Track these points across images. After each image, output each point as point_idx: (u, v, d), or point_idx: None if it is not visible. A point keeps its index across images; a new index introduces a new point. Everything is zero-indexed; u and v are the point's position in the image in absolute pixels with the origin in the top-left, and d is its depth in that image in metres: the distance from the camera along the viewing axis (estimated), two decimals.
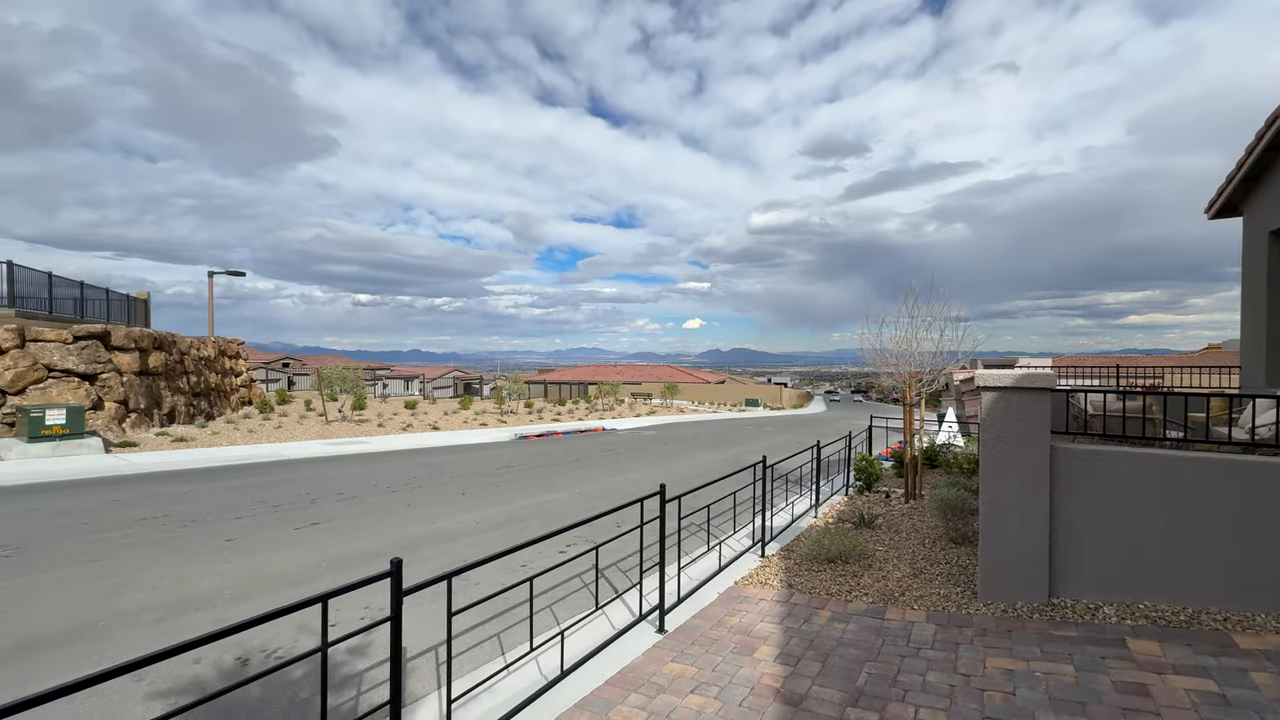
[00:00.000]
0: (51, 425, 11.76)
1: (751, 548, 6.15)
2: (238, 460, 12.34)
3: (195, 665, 3.83)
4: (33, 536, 6.56)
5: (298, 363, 64.48)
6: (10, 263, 14.74)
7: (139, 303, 21.20)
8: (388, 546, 6.52)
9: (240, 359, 25.34)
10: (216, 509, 8.05)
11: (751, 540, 6.37)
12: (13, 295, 14.88)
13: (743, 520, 7.07)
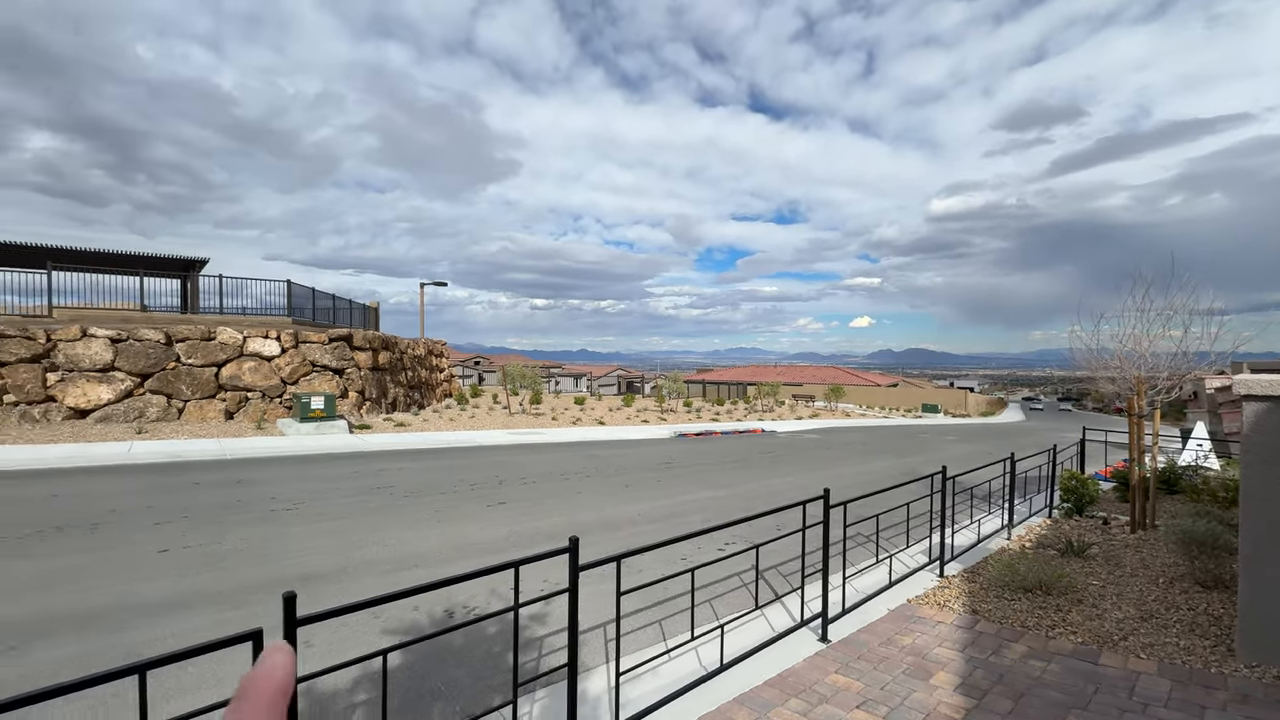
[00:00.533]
0: (314, 409, 14.79)
1: (927, 566, 5.64)
2: (441, 444, 14.38)
3: (414, 611, 4.59)
4: (306, 496, 8.33)
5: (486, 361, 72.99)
6: (289, 281, 18.86)
7: (371, 310, 25.67)
8: (562, 528, 7.15)
9: (443, 357, 29.41)
10: (427, 484, 9.49)
11: (927, 557, 5.84)
12: (290, 307, 19.02)
13: (916, 535, 6.50)
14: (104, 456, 10.43)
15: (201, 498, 7.91)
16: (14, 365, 13.04)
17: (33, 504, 7.29)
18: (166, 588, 4.86)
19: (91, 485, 8.42)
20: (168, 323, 15.94)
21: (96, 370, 13.89)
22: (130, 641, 3.94)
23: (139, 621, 4.25)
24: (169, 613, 4.42)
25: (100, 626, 4.14)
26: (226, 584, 5.00)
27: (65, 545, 5.79)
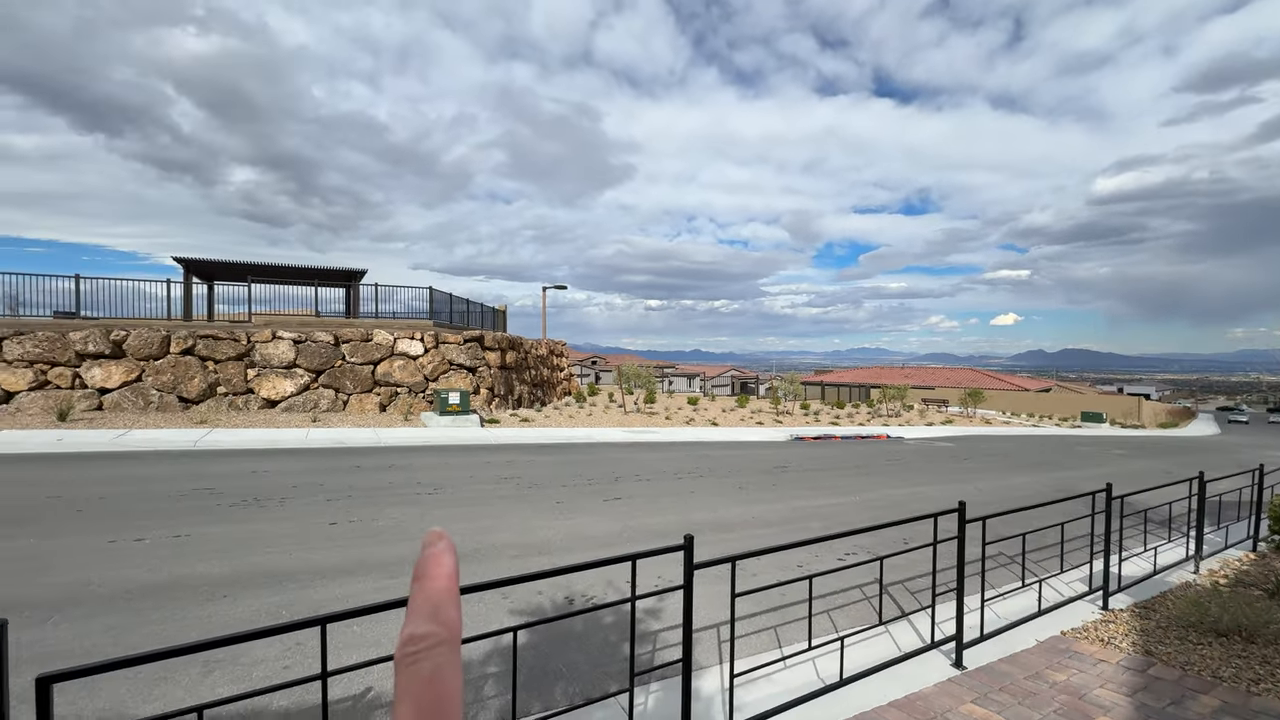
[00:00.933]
0: (452, 404, 16.25)
1: (1086, 595, 4.98)
2: (561, 440, 15.13)
3: (538, 595, 4.90)
4: (445, 482, 9.19)
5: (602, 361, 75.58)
6: (431, 288, 20.90)
7: (500, 313, 27.64)
8: (675, 526, 7.24)
9: (563, 357, 30.91)
10: (549, 477, 10.05)
11: (1086, 586, 5.16)
12: (432, 311, 21.05)
13: (1072, 560, 5.75)
14: (288, 440, 12.25)
15: (361, 480, 9.02)
16: (224, 362, 15.72)
17: (239, 478, 8.75)
18: (336, 556, 5.62)
19: (280, 464, 9.92)
20: (335, 326, 18.35)
21: (283, 367, 16.34)
22: (312, 598, 4.62)
23: (316, 583, 4.96)
24: (338, 577, 5.10)
25: (289, 585, 4.88)
26: (383, 556, 5.66)
27: (261, 514, 6.89)
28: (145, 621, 4.12)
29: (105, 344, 14.55)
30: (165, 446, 10.99)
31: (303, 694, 3.28)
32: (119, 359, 14.70)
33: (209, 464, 9.69)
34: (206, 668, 3.56)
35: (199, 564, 5.21)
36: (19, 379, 13.73)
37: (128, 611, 4.25)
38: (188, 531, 6.07)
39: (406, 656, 0.20)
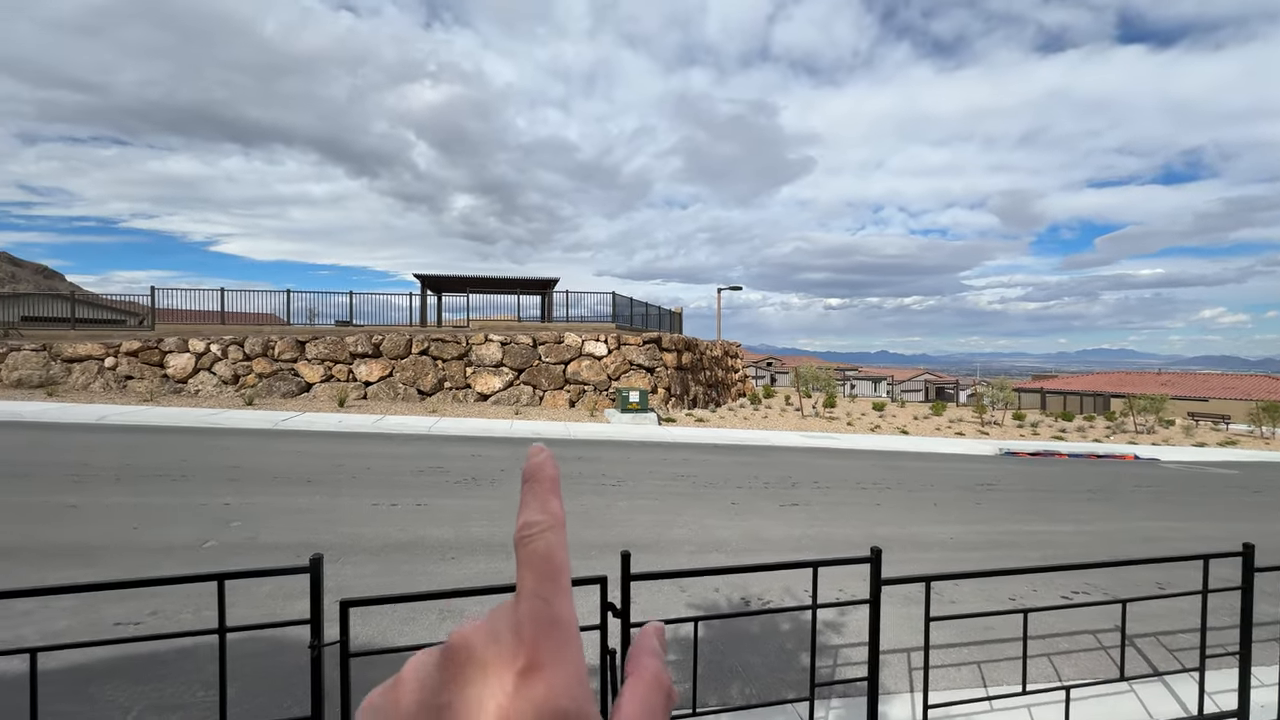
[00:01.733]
0: (632, 402, 17.19)
1: None
2: (736, 441, 15.11)
3: (714, 593, 4.99)
4: (626, 476, 9.79)
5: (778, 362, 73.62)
6: (614, 293, 22.35)
7: (676, 315, 28.49)
8: (859, 538, 6.81)
9: (737, 358, 30.79)
10: (723, 477, 10.12)
11: None
12: (614, 314, 22.50)
13: None
14: (497, 430, 14.06)
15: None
16: (450, 361, 18.58)
17: (462, 460, 10.29)
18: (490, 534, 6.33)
19: (491, 450, 11.44)
20: (533, 329, 20.57)
21: (492, 366, 18.79)
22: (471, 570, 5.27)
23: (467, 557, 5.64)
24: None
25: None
26: (573, 540, 6.23)
27: (478, 492, 8.02)
28: (397, 571, 5.08)
29: (369, 346, 18.14)
30: (409, 430, 13.34)
31: None
32: (378, 358, 18.22)
33: (440, 446, 11.53)
34: (441, 615, 4.28)
35: (434, 529, 6.27)
36: (315, 373, 17.77)
37: (387, 561, 5.29)
38: (426, 501, 7.32)
39: (524, 538, 0.26)
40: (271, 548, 5.47)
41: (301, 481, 8.01)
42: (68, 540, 5.32)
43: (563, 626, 0.24)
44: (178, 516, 6.19)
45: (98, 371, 16.74)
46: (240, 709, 3.10)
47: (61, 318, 23.59)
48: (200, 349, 17.44)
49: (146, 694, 3.20)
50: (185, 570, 4.29)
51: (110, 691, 3.20)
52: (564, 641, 0.24)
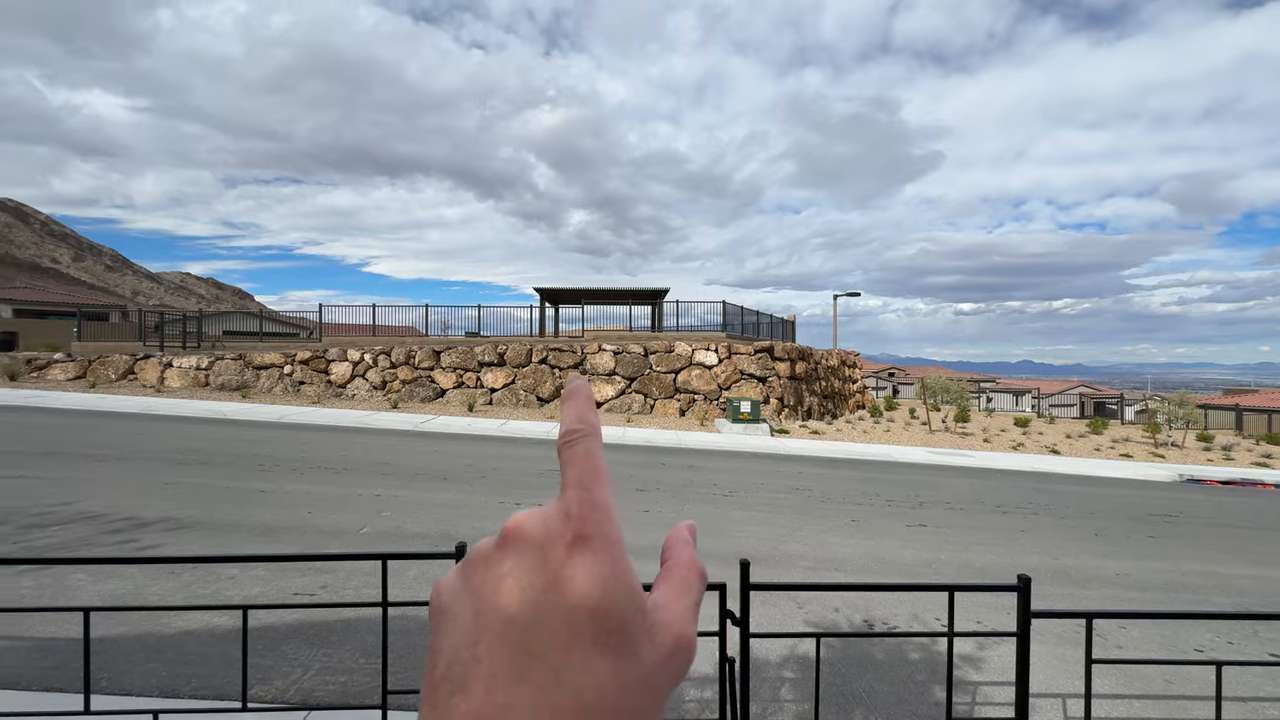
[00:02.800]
0: (743, 412, 16.93)
1: None
2: (855, 455, 14.32)
3: (834, 613, 4.77)
4: (738, 486, 9.66)
5: (901, 372, 68.77)
6: (724, 302, 22.23)
7: (788, 324, 27.67)
8: (999, 567, 6.17)
9: (855, 368, 29.22)
10: (841, 493, 9.64)
11: None
12: (724, 323, 22.35)
13: None
14: (609, 436, 14.48)
15: (666, 476, 10.11)
16: (566, 370, 19.48)
17: None
18: (647, 538, 6.44)
19: (606, 456, 11.82)
20: (644, 339, 20.99)
21: (605, 374, 19.42)
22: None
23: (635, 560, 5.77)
24: (651, 555, 5.84)
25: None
26: None
27: None
28: None
29: (494, 355, 19.54)
30: (529, 435, 14.16)
31: None
32: (502, 366, 19.57)
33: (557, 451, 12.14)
34: None
35: None
36: (449, 380, 19.46)
37: None
38: (546, 502, 7.68)
39: (567, 442, 0.29)
40: (415, 536, 6.07)
41: (439, 478, 8.80)
42: (260, 520, 6.28)
43: (604, 509, 0.27)
44: (341, 504, 7.07)
45: (279, 377, 19.58)
46: (392, 679, 3.47)
47: (252, 331, 27.85)
48: (356, 358, 19.81)
49: (319, 656, 3.69)
50: (350, 551, 4.90)
51: (292, 650, 3.74)
52: (606, 520, 0.27)
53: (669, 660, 0.27)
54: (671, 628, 0.28)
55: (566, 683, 0.26)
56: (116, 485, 7.34)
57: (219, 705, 2.77)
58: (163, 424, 12.64)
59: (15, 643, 3.61)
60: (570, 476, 0.28)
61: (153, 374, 19.77)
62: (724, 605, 2.37)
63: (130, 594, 4.34)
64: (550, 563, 0.27)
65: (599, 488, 0.28)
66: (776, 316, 26.40)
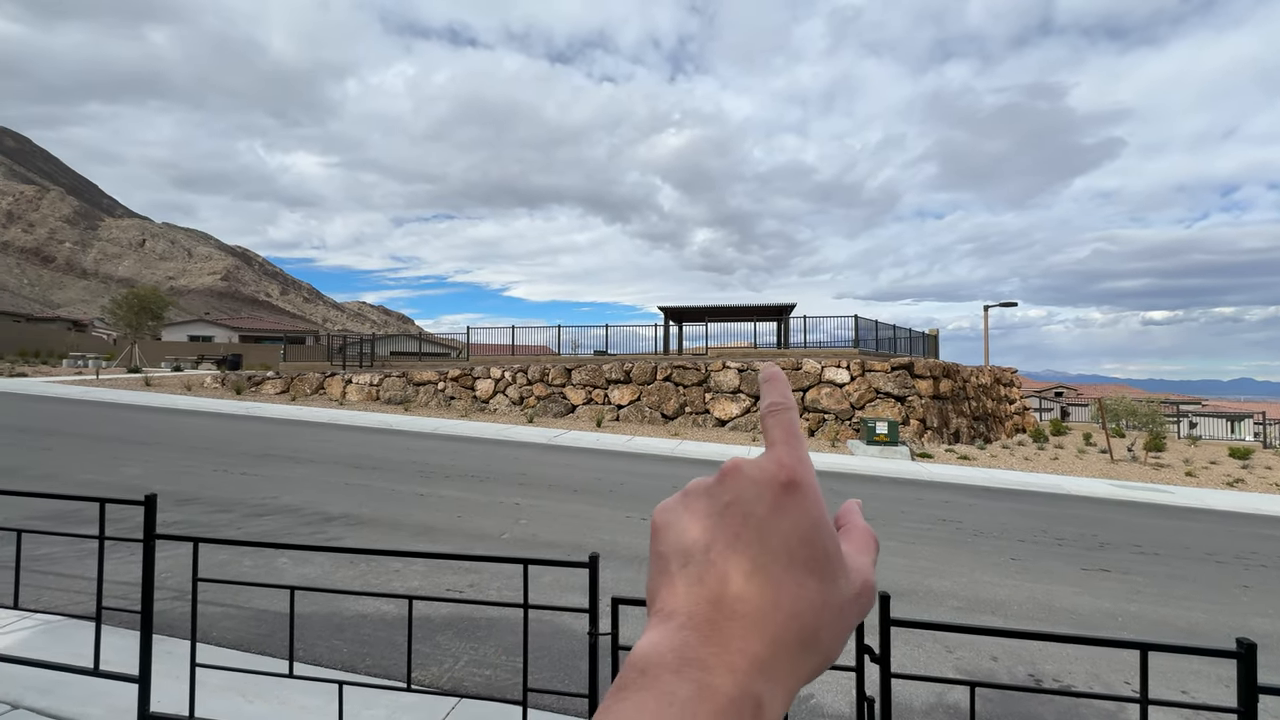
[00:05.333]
0: (879, 434, 15.82)
1: None
2: (1013, 485, 12.73)
3: (991, 662, 4.26)
4: (874, 514, 9.02)
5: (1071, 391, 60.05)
6: (856, 316, 21.04)
7: (930, 338, 25.49)
8: (1212, 627, 5.13)
9: (1013, 387, 26.08)
10: (998, 527, 8.61)
11: None
12: (857, 339, 21.13)
13: None
14: (735, 454, 14.08)
15: None
16: (690, 388, 19.59)
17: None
18: None
19: None
20: (770, 356, 20.48)
21: (729, 392, 19.22)
22: None
23: None
24: None
25: None
26: None
27: None
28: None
29: (621, 373, 20.20)
30: (654, 451, 14.40)
31: None
32: (628, 384, 20.16)
33: (681, 468, 12.19)
34: None
35: None
36: (579, 396, 20.44)
37: (640, 569, 5.77)
38: None
39: (773, 411, 0.36)
40: (549, 544, 6.42)
41: (570, 490, 9.25)
42: (419, 520, 7.03)
43: (808, 463, 0.34)
44: (485, 510, 7.69)
45: (434, 392, 21.87)
46: (530, 677, 3.68)
47: (413, 352, 31.38)
48: (498, 375, 21.54)
49: (468, 649, 4.03)
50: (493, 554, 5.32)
51: (445, 641, 4.12)
52: (810, 471, 0.33)
53: (858, 598, 0.33)
54: (861, 572, 0.34)
55: (784, 589, 0.31)
56: (309, 484, 8.63)
57: (388, 684, 3.13)
58: (344, 433, 14.66)
59: (239, 611, 4.37)
60: (778, 436, 0.34)
61: (337, 389, 23.04)
62: (861, 640, 2.24)
63: (320, 578, 5.07)
64: (768, 496, 0.32)
65: (803, 448, 0.34)
66: (916, 331, 24.46)
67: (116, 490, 7.48)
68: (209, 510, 6.92)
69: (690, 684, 0.27)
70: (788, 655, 0.30)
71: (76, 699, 3.07)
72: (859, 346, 21.22)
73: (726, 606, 0.30)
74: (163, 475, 8.66)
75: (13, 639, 3.60)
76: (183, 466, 9.37)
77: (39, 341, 44.47)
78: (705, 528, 0.33)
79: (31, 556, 3.98)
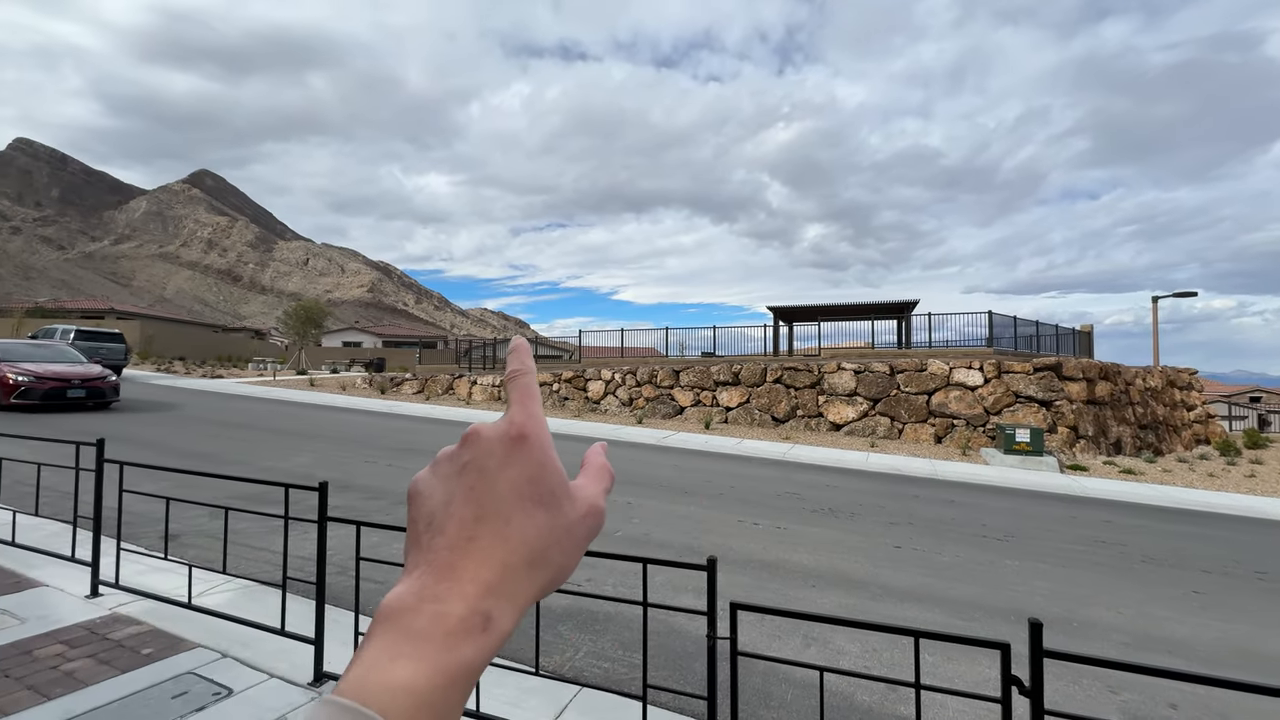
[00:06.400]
0: (1019, 442, 14.27)
1: None
2: (1194, 505, 10.90)
3: (1169, 711, 3.69)
4: (1015, 530, 8.16)
5: (1271, 396, 50.18)
6: (990, 313, 19.15)
7: (1082, 335, 22.57)
8: None
9: (1192, 390, 22.38)
10: (1174, 553, 7.43)
11: None
12: (991, 337, 19.22)
13: None
14: (850, 461, 13.57)
15: (921, 510, 9.05)
16: (802, 390, 18.92)
17: (817, 489, 10.30)
18: (902, 579, 5.84)
19: (846, 482, 11.12)
20: (890, 357, 19.22)
21: (845, 395, 18.30)
22: (880, 611, 4.96)
23: (884, 598, 5.29)
24: (905, 601, 5.28)
25: (859, 591, 5.41)
26: (949, 594, 5.51)
27: (835, 523, 7.89)
28: (764, 587, 5.39)
29: (729, 375, 19.99)
30: (764, 455, 14.08)
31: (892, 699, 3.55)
32: (736, 386, 19.89)
33: (793, 473, 11.81)
34: (806, 640, 4.35)
35: (794, 553, 6.43)
36: (687, 398, 20.51)
37: (753, 575, 5.68)
38: (785, 525, 7.58)
39: (513, 376, 0.43)
40: (661, 544, 6.51)
41: (680, 492, 9.31)
42: None
43: (538, 419, 0.41)
44: None
45: (549, 393, 22.99)
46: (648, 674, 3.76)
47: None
48: (608, 377, 22.19)
49: (587, 641, 4.20)
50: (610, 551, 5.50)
51: (566, 631, 4.32)
52: (540, 426, 0.40)
53: (585, 518, 0.41)
54: (588, 499, 0.41)
55: (514, 523, 0.37)
56: None
57: (517, 666, 3.35)
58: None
59: (388, 590, 4.89)
60: (514, 397, 0.42)
61: (464, 390, 24.98)
62: (1008, 669, 2.05)
63: None
64: (500, 451, 0.39)
65: (534, 406, 0.41)
66: (1064, 327, 21.79)
67: (291, 476, 8.68)
68: (363, 497, 7.81)
69: (426, 615, 0.34)
70: (516, 575, 0.36)
71: (268, 654, 3.60)
72: (994, 345, 19.28)
73: (460, 547, 0.36)
74: (325, 464, 9.90)
75: (221, 598, 4.30)
76: (339, 458, 10.66)
77: (230, 348, 52.82)
78: (447, 488, 0.39)
79: (231, 530, 4.73)
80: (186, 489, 6.65)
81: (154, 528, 5.65)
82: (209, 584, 4.47)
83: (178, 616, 3.97)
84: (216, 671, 3.40)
